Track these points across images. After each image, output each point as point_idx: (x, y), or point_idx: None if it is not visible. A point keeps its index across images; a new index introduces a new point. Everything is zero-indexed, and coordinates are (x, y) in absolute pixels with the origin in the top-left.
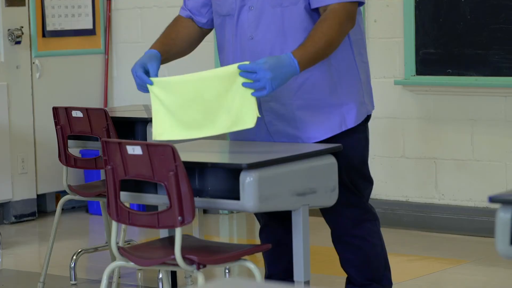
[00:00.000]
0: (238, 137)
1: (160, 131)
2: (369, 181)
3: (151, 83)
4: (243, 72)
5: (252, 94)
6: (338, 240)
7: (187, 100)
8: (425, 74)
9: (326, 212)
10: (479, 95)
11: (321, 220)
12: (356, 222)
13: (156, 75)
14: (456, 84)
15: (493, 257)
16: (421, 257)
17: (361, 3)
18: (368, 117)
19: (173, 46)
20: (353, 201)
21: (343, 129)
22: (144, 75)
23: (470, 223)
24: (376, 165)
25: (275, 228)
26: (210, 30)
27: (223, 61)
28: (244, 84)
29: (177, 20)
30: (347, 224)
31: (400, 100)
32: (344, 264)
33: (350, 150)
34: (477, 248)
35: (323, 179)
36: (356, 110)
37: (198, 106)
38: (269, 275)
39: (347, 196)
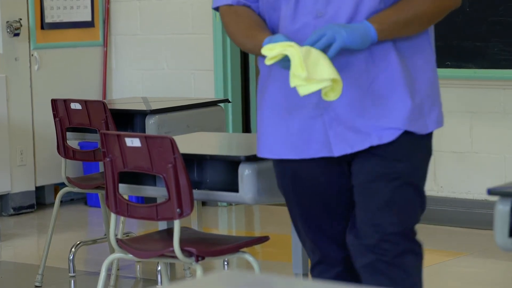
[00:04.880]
0: (286, 145)
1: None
2: (423, 206)
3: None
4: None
5: (329, 53)
6: (371, 267)
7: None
8: None
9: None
10: (478, 87)
11: None
12: (401, 250)
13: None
14: (455, 77)
15: (492, 249)
16: None
17: None
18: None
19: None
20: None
21: (424, 132)
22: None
23: (468, 216)
24: None
25: (333, 266)
26: None
27: None
28: (317, 46)
29: (235, 11)
30: (389, 249)
31: None
32: None
33: (415, 161)
34: (476, 241)
35: None
36: (438, 111)
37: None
38: None
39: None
